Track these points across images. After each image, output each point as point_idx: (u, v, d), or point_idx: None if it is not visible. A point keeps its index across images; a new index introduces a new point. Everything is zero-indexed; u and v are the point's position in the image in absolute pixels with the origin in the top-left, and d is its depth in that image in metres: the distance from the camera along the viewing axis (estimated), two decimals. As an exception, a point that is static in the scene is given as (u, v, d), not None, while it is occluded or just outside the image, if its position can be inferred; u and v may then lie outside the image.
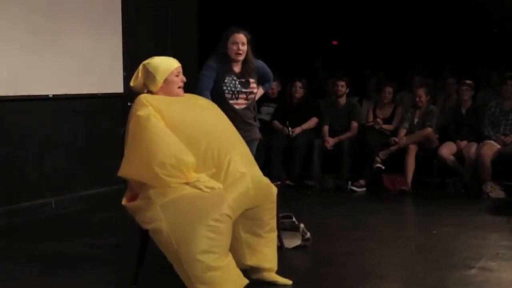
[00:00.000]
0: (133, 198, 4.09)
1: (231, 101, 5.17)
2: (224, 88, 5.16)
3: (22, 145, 6.52)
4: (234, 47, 5.15)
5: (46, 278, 4.51)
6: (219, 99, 5.00)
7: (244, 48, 5.17)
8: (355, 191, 7.85)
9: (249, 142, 4.92)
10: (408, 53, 12.06)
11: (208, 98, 4.95)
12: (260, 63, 5.36)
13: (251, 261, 4.14)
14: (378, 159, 7.88)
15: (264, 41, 8.01)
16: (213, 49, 5.33)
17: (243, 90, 5.21)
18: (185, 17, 8.39)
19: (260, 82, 5.42)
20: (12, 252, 5.21)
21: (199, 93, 4.95)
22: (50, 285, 4.39)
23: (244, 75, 5.23)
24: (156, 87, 4.24)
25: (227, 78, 5.17)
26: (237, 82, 5.20)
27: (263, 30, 10.77)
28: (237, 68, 5.23)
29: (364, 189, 7.91)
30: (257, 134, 5.46)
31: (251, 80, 5.26)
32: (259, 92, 5.47)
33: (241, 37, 5.16)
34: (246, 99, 5.24)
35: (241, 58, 5.19)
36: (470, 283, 4.33)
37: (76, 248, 5.28)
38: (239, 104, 5.22)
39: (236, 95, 5.20)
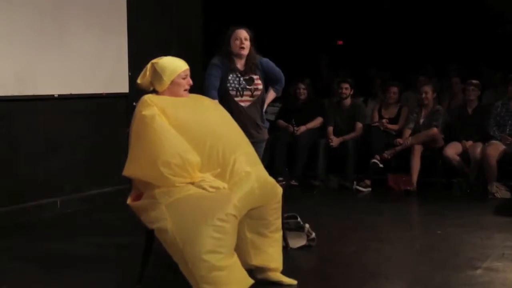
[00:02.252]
0: (138, 197, 4.09)
1: (236, 98, 5.17)
2: (228, 85, 5.16)
3: (27, 144, 6.52)
4: (237, 42, 5.16)
5: (50, 278, 4.51)
6: (225, 97, 5.04)
7: (247, 43, 5.18)
8: (360, 191, 7.84)
9: (257, 143, 4.95)
10: (413, 53, 12.03)
11: (216, 97, 4.98)
12: (266, 61, 5.33)
13: (256, 261, 4.14)
14: (378, 156, 7.85)
15: (269, 40, 8.02)
16: (217, 48, 5.33)
17: (248, 87, 5.21)
18: (190, 16, 8.38)
19: (270, 83, 5.40)
20: (16, 252, 5.21)
21: (207, 92, 4.96)
22: (53, 285, 4.40)
23: (247, 72, 5.23)
24: (162, 88, 4.24)
25: (230, 75, 5.18)
26: (241, 79, 5.20)
27: (269, 29, 10.80)
28: (240, 65, 5.23)
29: (369, 189, 7.90)
30: (266, 135, 5.43)
31: (255, 76, 5.25)
32: (270, 95, 5.44)
33: (243, 32, 5.19)
34: (251, 95, 5.24)
35: (245, 52, 5.19)
36: (476, 283, 4.32)
37: (79, 248, 5.28)
38: (244, 101, 5.22)
39: (241, 92, 5.20)
